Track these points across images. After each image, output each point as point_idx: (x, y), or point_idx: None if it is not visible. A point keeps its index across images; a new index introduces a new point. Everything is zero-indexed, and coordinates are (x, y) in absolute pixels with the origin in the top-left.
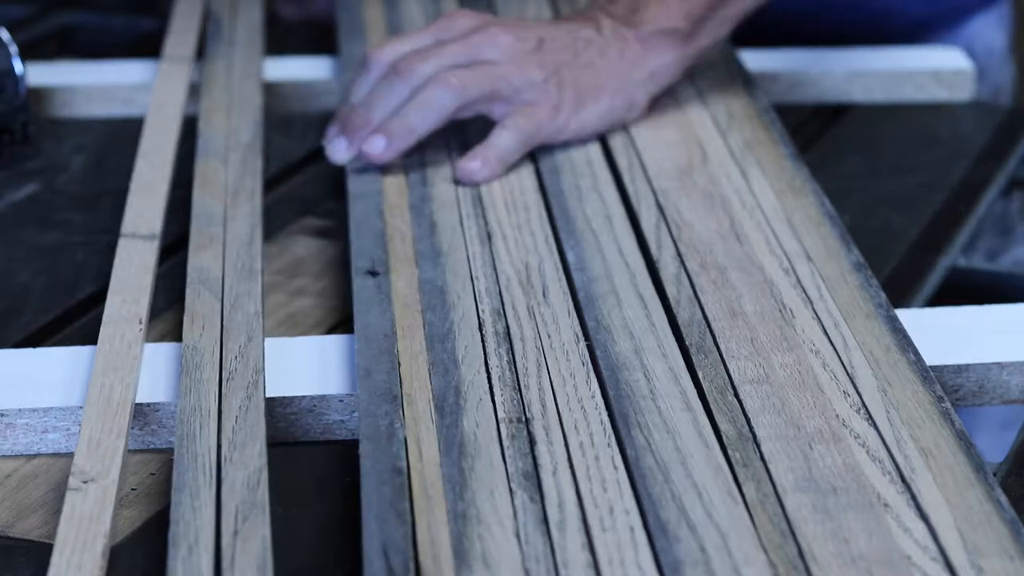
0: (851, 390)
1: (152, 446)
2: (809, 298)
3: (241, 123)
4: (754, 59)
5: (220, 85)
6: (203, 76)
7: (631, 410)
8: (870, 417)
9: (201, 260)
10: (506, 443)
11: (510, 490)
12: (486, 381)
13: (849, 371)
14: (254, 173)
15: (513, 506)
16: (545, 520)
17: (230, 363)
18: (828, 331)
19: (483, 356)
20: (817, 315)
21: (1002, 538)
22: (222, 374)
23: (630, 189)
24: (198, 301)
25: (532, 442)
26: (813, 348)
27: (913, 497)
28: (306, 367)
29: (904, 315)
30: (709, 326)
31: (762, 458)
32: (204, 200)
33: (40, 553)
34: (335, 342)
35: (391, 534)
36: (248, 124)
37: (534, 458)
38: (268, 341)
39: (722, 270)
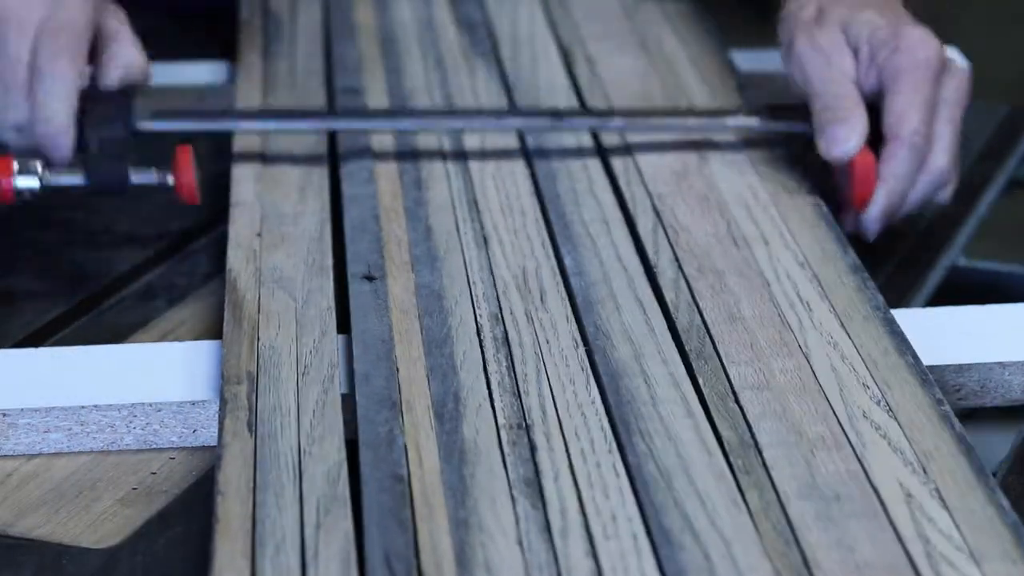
0: (851, 394)
1: (153, 446)
2: (807, 301)
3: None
4: (751, 59)
5: (284, 84)
6: (267, 75)
7: (632, 416)
8: (871, 421)
9: (273, 259)
10: (507, 450)
11: (512, 497)
12: (485, 387)
13: (848, 375)
14: (321, 169)
15: (515, 513)
16: (548, 527)
17: (305, 357)
18: (826, 335)
19: (482, 362)
20: (815, 318)
21: (1004, 541)
22: (298, 370)
23: (626, 193)
24: (272, 300)
25: (533, 448)
26: (812, 352)
27: (915, 502)
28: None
29: (905, 315)
30: (708, 331)
31: (764, 465)
32: (273, 200)
33: (41, 552)
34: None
35: (393, 541)
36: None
37: (535, 465)
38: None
39: (720, 274)
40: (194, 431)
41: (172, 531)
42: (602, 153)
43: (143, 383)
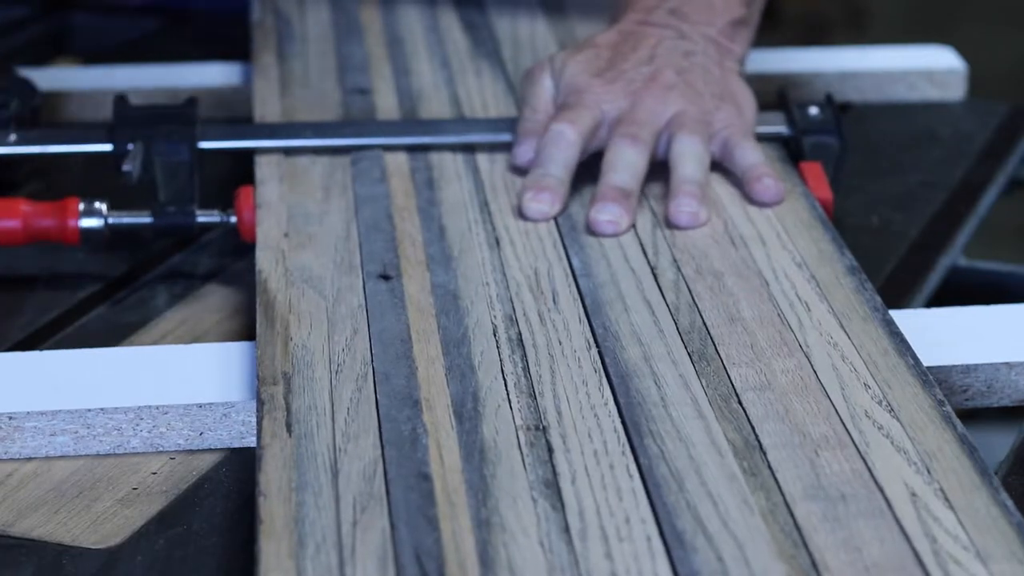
0: (852, 394)
1: (160, 449)
2: (805, 302)
3: (324, 120)
4: (748, 60)
5: (299, 84)
6: (283, 76)
7: (643, 418)
8: (873, 421)
9: (301, 259)
10: (525, 451)
11: (532, 498)
12: (503, 387)
13: (849, 374)
14: (344, 167)
15: (536, 514)
16: (567, 529)
17: (338, 355)
18: (826, 335)
19: (499, 362)
20: (814, 319)
21: (1009, 541)
22: (331, 368)
23: None
24: (303, 300)
25: (550, 450)
26: (812, 353)
27: (921, 502)
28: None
29: (911, 315)
30: (709, 333)
31: (769, 467)
32: (298, 199)
33: (41, 552)
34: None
35: (422, 540)
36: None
37: (552, 466)
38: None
39: (718, 275)
40: (200, 434)
41: (172, 531)
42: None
43: (149, 386)
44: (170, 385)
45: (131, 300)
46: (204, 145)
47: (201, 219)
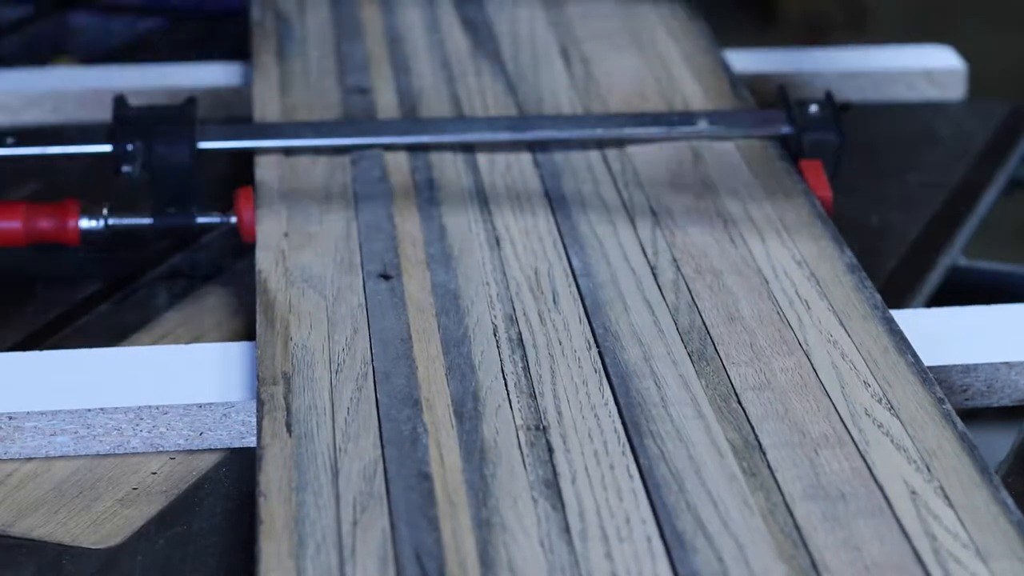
0: (852, 393)
1: (160, 449)
2: (805, 301)
3: (324, 119)
4: (744, 60)
5: (299, 83)
6: (283, 75)
7: (643, 418)
8: (873, 420)
9: (301, 259)
10: (525, 451)
11: (532, 498)
12: (503, 387)
13: (849, 372)
14: (344, 166)
15: (536, 514)
16: (567, 529)
17: (338, 355)
18: (826, 334)
19: (499, 362)
20: (814, 318)
21: (1010, 539)
22: (331, 367)
23: (624, 194)
24: (303, 300)
25: (550, 450)
26: (812, 351)
27: (921, 500)
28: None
29: (911, 315)
30: (708, 332)
31: (769, 467)
32: (298, 199)
33: (41, 552)
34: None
35: (423, 539)
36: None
37: (553, 466)
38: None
39: (717, 274)
40: (200, 434)
41: (172, 531)
42: (602, 151)
43: (149, 386)
44: (170, 385)
45: (131, 300)
46: (204, 145)
47: (201, 220)
